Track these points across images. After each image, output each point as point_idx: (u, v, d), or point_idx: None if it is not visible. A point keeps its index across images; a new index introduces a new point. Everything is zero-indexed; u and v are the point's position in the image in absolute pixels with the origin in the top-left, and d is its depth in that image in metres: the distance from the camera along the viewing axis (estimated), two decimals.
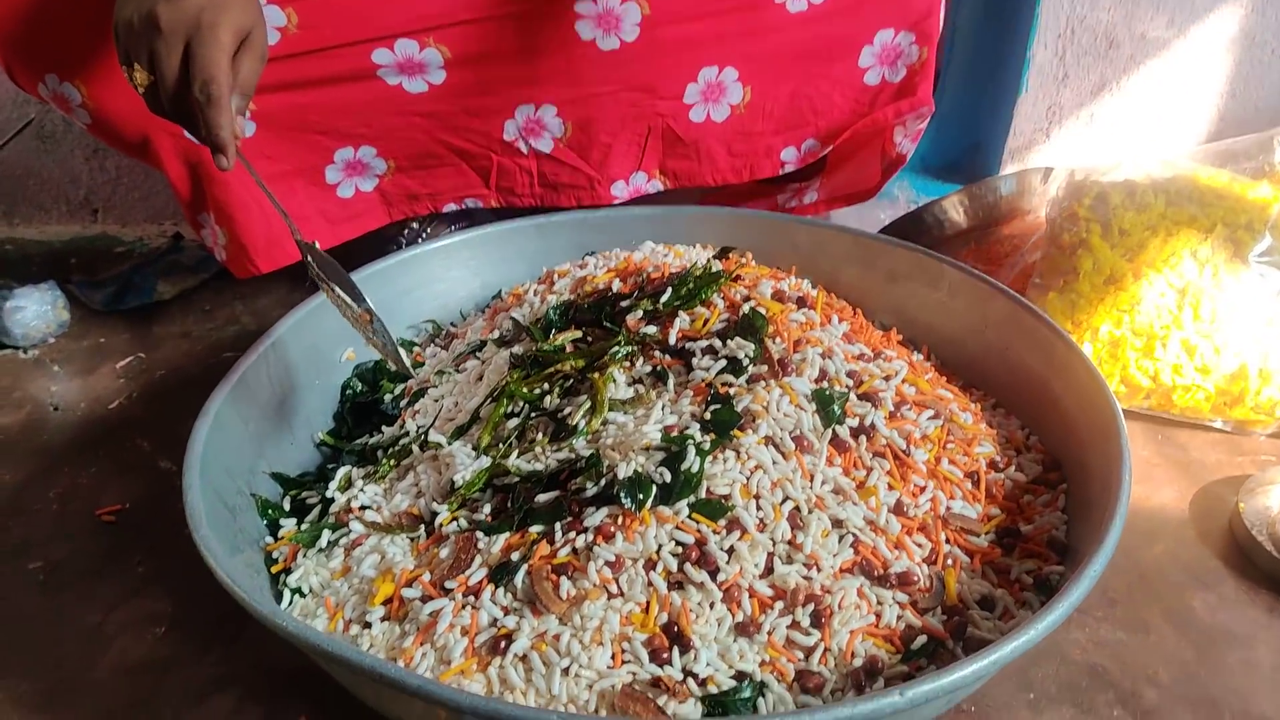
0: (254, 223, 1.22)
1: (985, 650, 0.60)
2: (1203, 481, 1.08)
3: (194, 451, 0.79)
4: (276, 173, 1.19)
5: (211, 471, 0.80)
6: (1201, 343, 1.14)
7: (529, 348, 0.93)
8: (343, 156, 1.23)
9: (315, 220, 1.26)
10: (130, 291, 1.49)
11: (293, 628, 0.62)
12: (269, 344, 0.94)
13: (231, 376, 0.89)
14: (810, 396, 0.81)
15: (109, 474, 1.10)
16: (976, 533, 0.80)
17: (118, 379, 1.29)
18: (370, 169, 1.26)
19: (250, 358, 0.92)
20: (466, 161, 1.27)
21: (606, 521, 0.73)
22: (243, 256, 1.24)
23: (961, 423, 0.87)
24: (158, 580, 0.94)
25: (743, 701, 0.66)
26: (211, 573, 0.67)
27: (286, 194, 1.21)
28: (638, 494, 0.73)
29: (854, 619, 0.70)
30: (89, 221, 1.76)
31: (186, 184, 1.21)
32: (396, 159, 1.26)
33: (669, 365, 0.86)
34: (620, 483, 0.74)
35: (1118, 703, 0.82)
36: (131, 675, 0.84)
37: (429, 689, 0.57)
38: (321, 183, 1.25)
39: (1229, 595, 0.93)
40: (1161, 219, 1.19)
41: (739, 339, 0.85)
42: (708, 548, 0.71)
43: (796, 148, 1.34)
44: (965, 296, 1.05)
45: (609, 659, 0.67)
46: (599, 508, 0.74)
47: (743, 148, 1.32)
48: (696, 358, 0.85)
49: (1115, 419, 0.80)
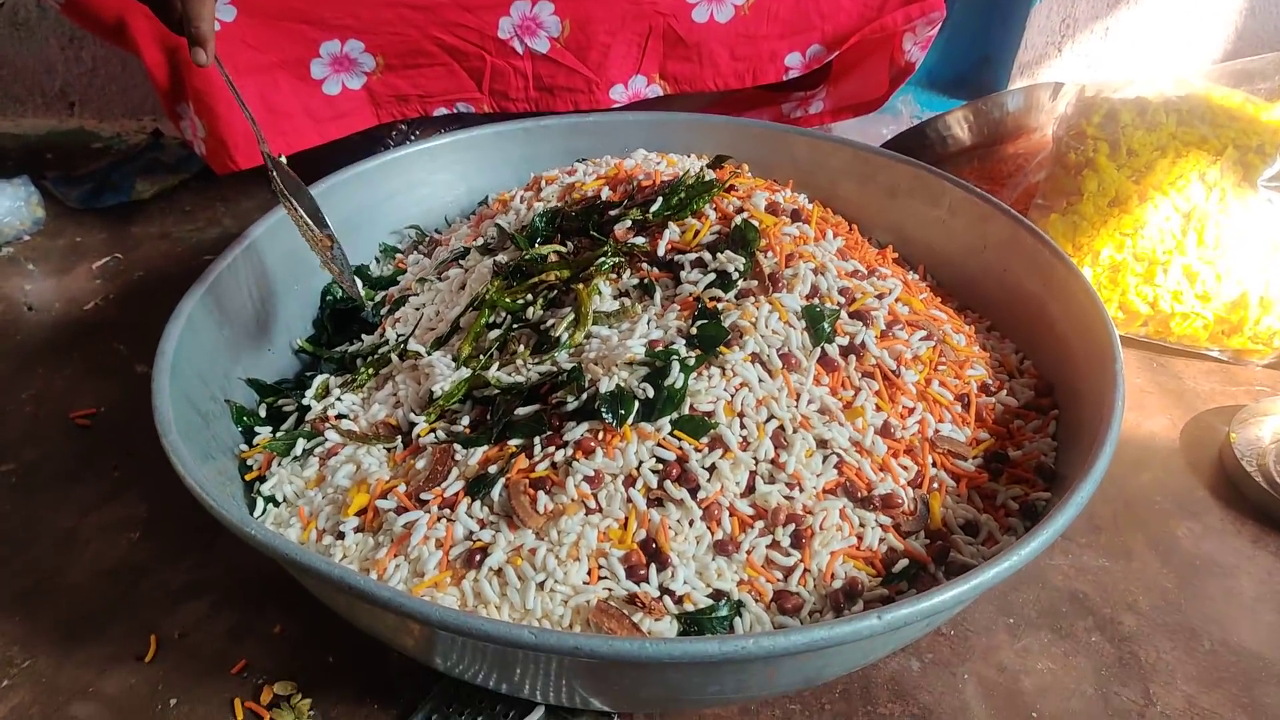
0: (236, 116, 1.16)
1: (967, 575, 0.59)
2: (1195, 411, 1.07)
3: (164, 355, 0.77)
4: (259, 64, 1.14)
5: (183, 376, 0.78)
6: (1203, 269, 1.12)
7: (513, 256, 0.90)
8: (329, 50, 1.18)
9: (299, 117, 1.22)
10: (108, 189, 1.45)
11: (260, 535, 0.61)
12: (244, 246, 0.91)
13: (205, 279, 0.86)
14: (800, 313, 0.78)
15: (83, 376, 1.07)
16: (964, 456, 0.78)
17: (94, 279, 1.26)
18: (358, 65, 1.21)
19: (225, 260, 0.89)
20: (459, 62, 1.23)
21: (586, 437, 0.71)
22: (222, 151, 1.19)
23: (954, 344, 0.85)
24: (133, 485, 0.93)
25: (719, 620, 0.65)
26: (179, 478, 0.66)
27: (269, 87, 1.16)
28: (619, 409, 0.71)
29: (835, 540, 0.69)
30: (65, 115, 1.70)
31: (164, 71, 1.15)
32: (386, 55, 1.21)
33: (656, 278, 0.83)
34: (602, 397, 0.72)
35: (1096, 629, 0.82)
36: (106, 579, 0.83)
37: (398, 601, 0.56)
38: (306, 77, 1.20)
39: (1214, 525, 0.93)
40: (1171, 139, 1.16)
41: (729, 252, 0.82)
42: (689, 465, 0.69)
43: (801, 53, 1.29)
44: (965, 215, 1.02)
45: (585, 575, 0.66)
46: (579, 422, 0.72)
47: (746, 51, 1.27)
48: (685, 270, 0.82)
49: (1111, 344, 0.78)
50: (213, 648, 0.77)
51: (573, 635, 0.55)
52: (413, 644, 0.64)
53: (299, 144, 1.21)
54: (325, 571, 0.58)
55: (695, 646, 0.54)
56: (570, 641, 0.54)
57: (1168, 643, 0.81)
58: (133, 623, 0.79)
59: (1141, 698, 0.76)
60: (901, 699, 0.75)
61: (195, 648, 0.77)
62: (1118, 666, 0.78)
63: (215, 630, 0.78)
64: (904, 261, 1.05)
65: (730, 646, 0.54)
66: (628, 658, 0.54)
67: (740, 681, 0.62)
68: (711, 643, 0.54)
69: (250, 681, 0.74)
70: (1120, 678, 0.77)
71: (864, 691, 0.75)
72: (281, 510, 0.77)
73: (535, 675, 0.63)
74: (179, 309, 0.82)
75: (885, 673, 0.77)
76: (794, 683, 0.67)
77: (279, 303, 0.97)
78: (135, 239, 1.36)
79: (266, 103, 1.16)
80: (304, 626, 0.78)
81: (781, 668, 0.61)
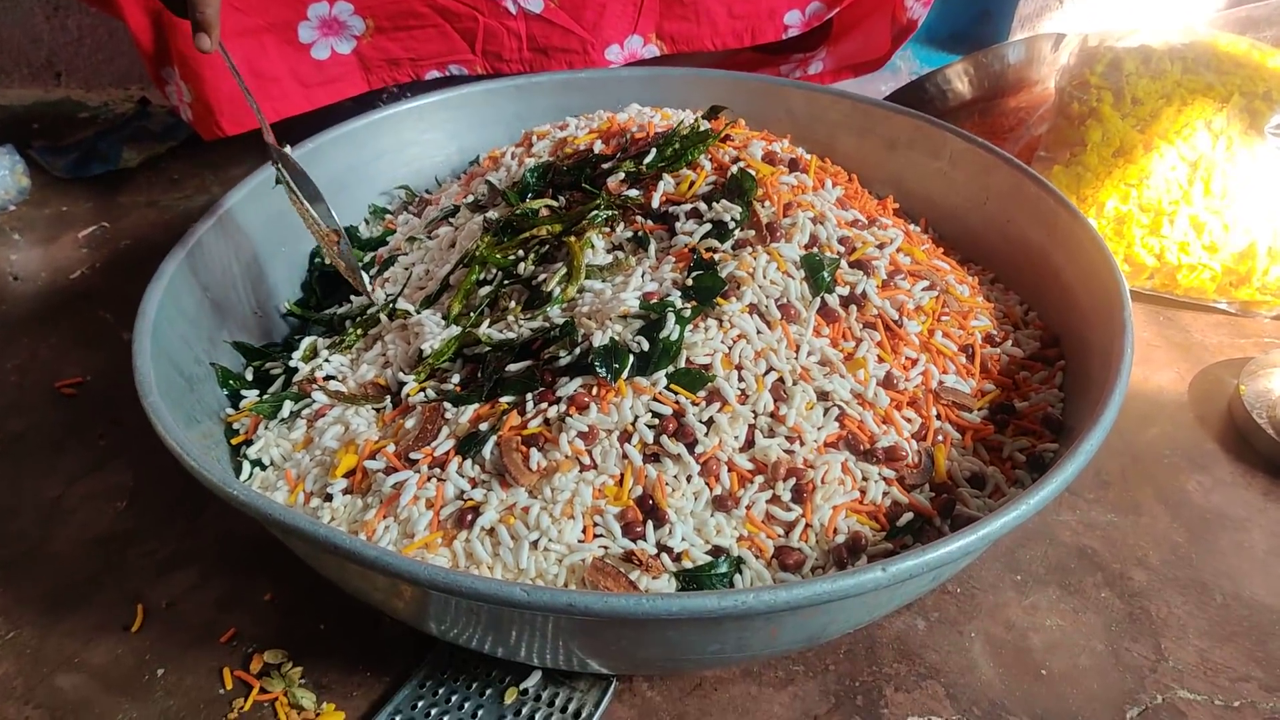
0: (223, 80, 1.14)
1: (971, 527, 0.57)
2: (1203, 364, 1.05)
3: (145, 316, 0.75)
4: (245, 28, 1.11)
5: (165, 338, 0.76)
6: (1210, 219, 1.09)
7: (504, 212, 0.87)
8: (317, 12, 1.15)
9: (287, 82, 1.19)
10: (94, 158, 1.42)
11: (244, 496, 0.59)
12: (226, 208, 0.89)
13: (187, 241, 0.84)
14: (799, 263, 0.76)
15: (69, 345, 1.05)
16: (969, 408, 0.76)
17: (80, 248, 1.24)
18: (347, 28, 1.18)
19: (208, 222, 0.87)
20: (451, 23, 1.19)
21: (580, 392, 0.69)
22: (209, 117, 1.16)
23: (958, 294, 0.83)
24: (119, 454, 0.91)
25: (719, 577, 0.63)
26: (161, 442, 0.64)
27: (256, 52, 1.13)
28: (613, 363, 0.69)
29: (837, 494, 0.67)
30: (51, 85, 1.67)
31: (149, 35, 1.13)
32: (375, 17, 1.18)
33: (651, 230, 0.81)
34: (595, 351, 0.70)
35: (1106, 584, 0.80)
36: (92, 548, 0.81)
37: (385, 560, 0.54)
38: (294, 41, 1.17)
39: (1224, 478, 0.91)
40: (1177, 87, 1.13)
41: (725, 201, 0.79)
42: (685, 419, 0.67)
43: (801, 10, 1.26)
44: (967, 166, 1.00)
45: (579, 533, 0.64)
46: (573, 377, 0.70)
47: (744, 9, 1.24)
48: (680, 221, 0.80)
49: (1120, 291, 0.76)
50: (201, 617, 0.75)
51: (567, 593, 0.53)
52: (403, 607, 0.62)
53: (286, 110, 1.18)
54: (310, 531, 0.56)
55: (694, 602, 0.53)
56: (564, 599, 0.52)
57: (1179, 597, 0.79)
58: (119, 592, 0.77)
59: (1153, 653, 0.74)
60: (908, 658, 0.73)
61: (183, 617, 0.75)
62: (1128, 622, 0.76)
63: (204, 599, 0.77)
64: (905, 214, 1.03)
65: (730, 601, 0.52)
66: (624, 614, 0.52)
67: (741, 640, 0.60)
68: (710, 598, 0.53)
69: (240, 650, 0.72)
70: (1131, 633, 0.75)
71: (869, 651, 0.74)
72: (268, 474, 0.75)
73: (531, 638, 0.61)
74: (160, 270, 0.80)
75: (891, 632, 0.75)
76: (797, 640, 0.65)
77: (266, 265, 0.95)
78: (122, 208, 1.33)
79: (253, 68, 1.13)
80: (295, 594, 0.77)
81: (784, 624, 0.59)
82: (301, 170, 0.86)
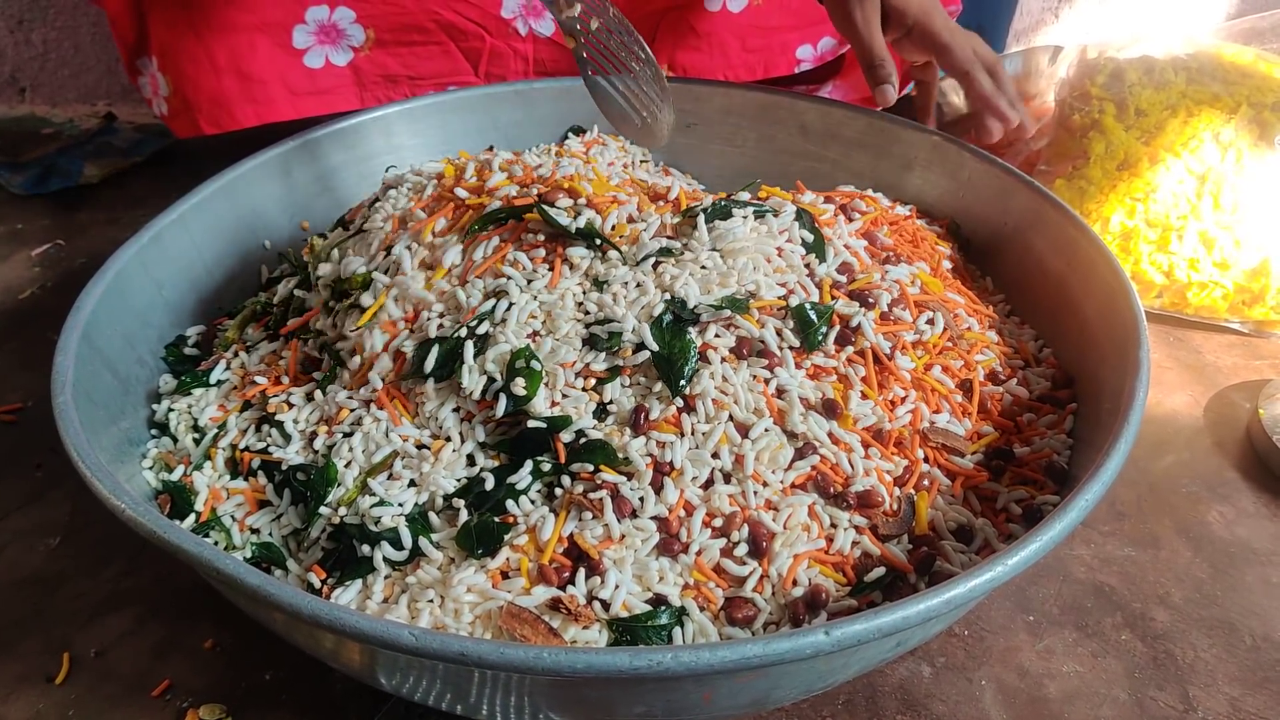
0: (203, 75, 1.07)
1: (939, 588, 0.48)
2: (1218, 387, 0.99)
3: (79, 311, 0.69)
4: (237, 23, 1.04)
5: (102, 336, 0.70)
6: (1221, 235, 1.04)
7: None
8: (315, 16, 1.08)
9: (273, 85, 1.11)
10: (54, 174, 1.36)
11: (130, 510, 0.54)
12: (192, 204, 0.84)
13: (142, 235, 0.78)
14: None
15: (12, 369, 0.99)
16: (961, 452, 0.68)
17: (32, 267, 1.17)
18: (346, 37, 1.11)
19: (169, 216, 0.82)
20: (456, 41, 1.14)
21: None
22: (186, 113, 1.10)
23: (964, 328, 0.75)
24: (57, 485, 0.84)
25: (656, 630, 0.55)
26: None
27: (245, 49, 1.06)
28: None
29: (800, 541, 0.59)
30: (15, 101, 1.62)
31: (127, 20, 1.07)
32: (377, 29, 1.12)
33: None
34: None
35: (1126, 625, 0.73)
36: (18, 591, 0.74)
37: (268, 589, 0.48)
38: (287, 45, 1.10)
39: (1247, 508, 0.85)
40: (1182, 98, 1.08)
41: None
42: (622, 493, 0.61)
43: (813, 45, 1.23)
44: (985, 188, 0.92)
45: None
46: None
47: (758, 42, 1.21)
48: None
49: (1136, 324, 0.68)
50: (133, 666, 0.68)
51: (459, 639, 0.45)
52: (327, 654, 0.56)
53: (270, 115, 1.11)
54: (204, 558, 0.50)
55: (600, 659, 0.45)
56: (456, 646, 0.45)
57: (1205, 639, 0.72)
58: (45, 639, 0.70)
59: (1180, 702, 0.68)
60: (912, 709, 0.67)
61: (113, 667, 0.68)
62: (1152, 667, 0.70)
63: (138, 646, 0.70)
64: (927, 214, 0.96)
65: (642, 661, 0.44)
66: (520, 668, 0.45)
67: (670, 702, 0.52)
68: (621, 655, 0.45)
69: (173, 704, 0.65)
70: (1156, 680, 0.69)
71: (869, 701, 0.67)
72: None
73: (477, 692, 0.54)
74: (105, 266, 0.75)
75: (894, 680, 0.69)
76: (738, 705, 0.57)
77: (239, 263, 0.90)
78: (80, 225, 1.27)
79: (239, 66, 1.07)
80: (239, 639, 0.70)
81: (717, 688, 0.51)
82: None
